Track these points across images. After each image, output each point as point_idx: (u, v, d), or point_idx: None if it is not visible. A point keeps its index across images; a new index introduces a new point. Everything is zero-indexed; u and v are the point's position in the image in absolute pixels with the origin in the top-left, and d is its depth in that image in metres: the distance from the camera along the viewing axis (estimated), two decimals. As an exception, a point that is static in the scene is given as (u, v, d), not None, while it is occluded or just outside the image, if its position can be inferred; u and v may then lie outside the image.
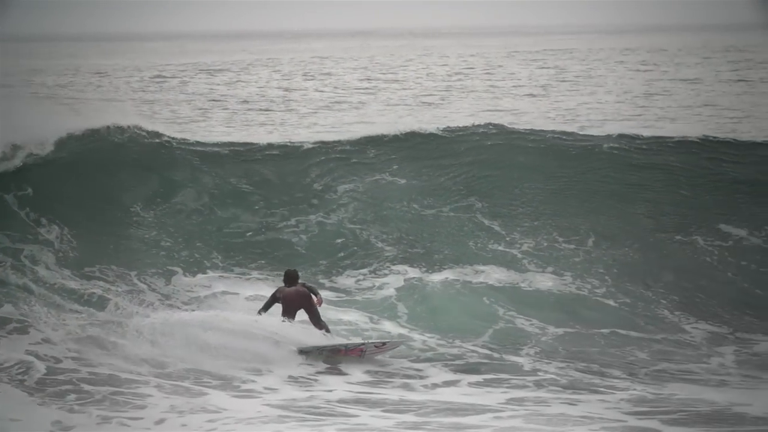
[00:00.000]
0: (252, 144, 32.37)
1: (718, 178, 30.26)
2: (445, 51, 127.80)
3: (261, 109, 54.74)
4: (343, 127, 45.83)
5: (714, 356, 21.82)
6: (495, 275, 25.61)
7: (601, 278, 25.74)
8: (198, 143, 31.81)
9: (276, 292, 21.74)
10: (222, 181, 29.61)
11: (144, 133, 30.98)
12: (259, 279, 25.64)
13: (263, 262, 26.50)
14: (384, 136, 31.98)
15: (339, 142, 31.85)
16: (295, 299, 21.52)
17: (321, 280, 25.66)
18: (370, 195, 29.29)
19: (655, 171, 30.33)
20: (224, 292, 24.78)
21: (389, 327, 23.12)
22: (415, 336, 22.58)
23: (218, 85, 71.70)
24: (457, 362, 21.02)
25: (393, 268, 26.08)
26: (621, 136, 32.46)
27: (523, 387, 19.46)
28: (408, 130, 32.37)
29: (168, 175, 29.53)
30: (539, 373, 20.33)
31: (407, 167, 30.60)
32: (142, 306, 22.07)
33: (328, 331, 21.46)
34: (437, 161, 30.85)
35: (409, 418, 17.41)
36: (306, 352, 20.96)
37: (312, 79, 75.28)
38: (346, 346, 21.07)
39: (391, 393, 19.07)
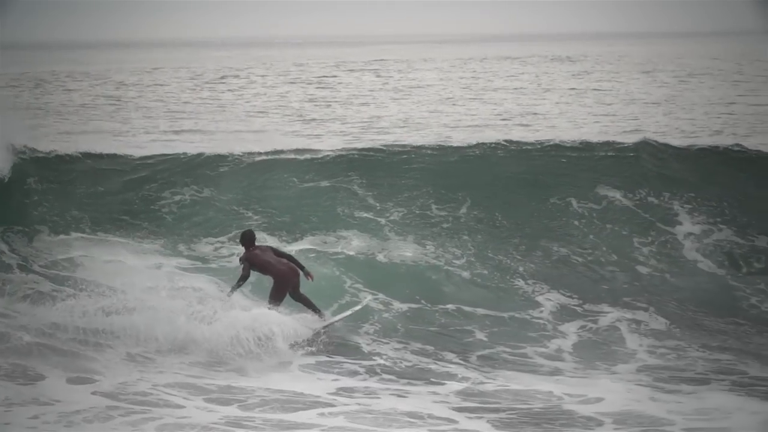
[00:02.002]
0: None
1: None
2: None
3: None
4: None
5: (555, 338, 19.97)
6: (355, 242, 23.44)
7: (464, 247, 23.64)
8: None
9: (247, 259, 18.74)
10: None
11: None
12: (120, 242, 23.31)
13: (129, 228, 24.01)
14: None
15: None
16: (290, 277, 18.69)
17: (180, 248, 23.35)
18: (250, 171, 26.62)
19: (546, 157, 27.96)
20: (82, 256, 22.51)
21: (235, 297, 20.84)
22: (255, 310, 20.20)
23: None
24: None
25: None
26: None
27: (355, 374, 17.33)
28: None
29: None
30: (374, 357, 18.21)
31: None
32: None
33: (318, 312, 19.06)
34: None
35: (233, 411, 15.32)
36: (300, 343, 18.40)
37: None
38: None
39: (221, 378, 16.87)
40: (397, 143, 29.20)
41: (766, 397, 16.20)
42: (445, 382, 17.05)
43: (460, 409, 15.47)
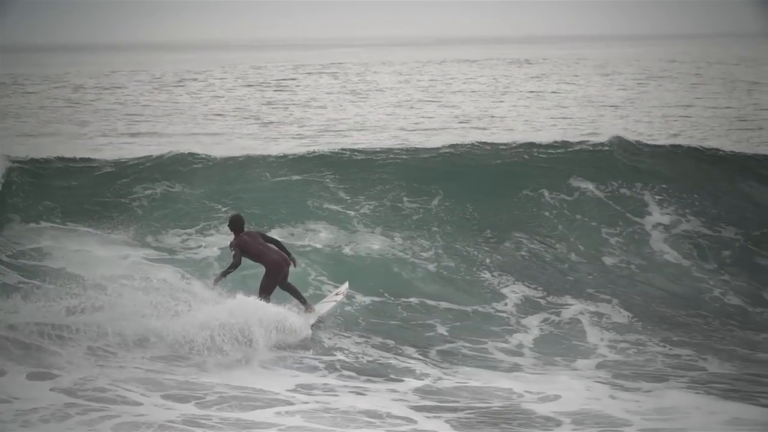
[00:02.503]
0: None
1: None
2: None
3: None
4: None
5: (517, 332, 19.58)
6: (323, 235, 22.92)
7: (433, 239, 23.23)
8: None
9: (239, 245, 17.91)
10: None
11: None
12: (89, 233, 22.79)
13: (99, 220, 23.35)
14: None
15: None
16: (283, 266, 17.97)
17: (148, 239, 22.82)
18: (223, 168, 26.08)
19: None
20: (51, 246, 22.02)
21: (198, 288, 20.36)
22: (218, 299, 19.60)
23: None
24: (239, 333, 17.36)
25: (221, 228, 23.16)
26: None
27: (315, 370, 16.83)
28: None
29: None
30: (334, 352, 17.73)
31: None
32: None
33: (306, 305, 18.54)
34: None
35: (190, 409, 14.90)
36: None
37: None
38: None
39: (181, 374, 16.37)
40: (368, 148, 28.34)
41: (723, 395, 15.86)
42: (405, 378, 16.62)
43: (418, 408, 15.05)
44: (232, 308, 17.56)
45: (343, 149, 27.25)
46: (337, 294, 19.30)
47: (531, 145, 27.57)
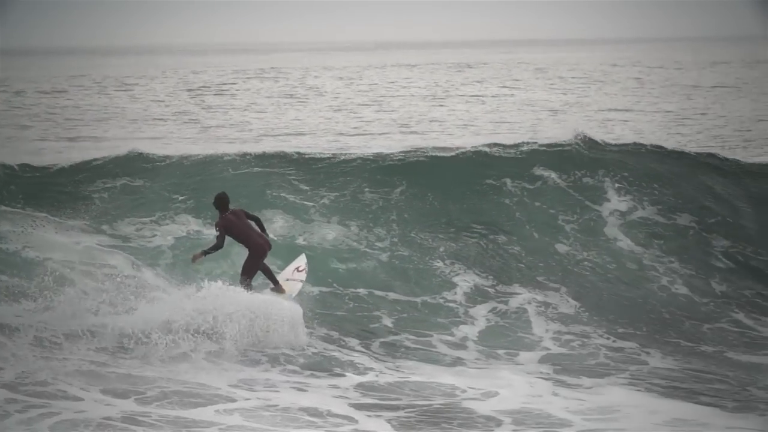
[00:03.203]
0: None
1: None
2: None
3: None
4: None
5: (464, 323, 19.10)
6: (278, 224, 22.09)
7: (389, 228, 22.64)
8: None
9: (224, 226, 17.12)
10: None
11: None
12: (47, 218, 21.81)
13: (57, 206, 22.63)
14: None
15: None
16: (266, 250, 17.33)
17: (103, 227, 22.08)
18: (188, 164, 25.22)
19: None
20: (8, 231, 21.26)
21: (148, 275, 19.73)
22: (168, 288, 18.77)
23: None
24: (204, 326, 16.74)
25: (176, 218, 22.55)
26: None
27: (257, 364, 16.18)
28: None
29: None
30: (278, 345, 16.90)
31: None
32: None
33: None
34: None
35: (130, 405, 14.32)
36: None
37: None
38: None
39: (125, 367, 15.76)
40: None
41: (664, 393, 15.46)
42: (347, 373, 16.08)
43: (359, 406, 14.50)
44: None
45: (300, 151, 26.60)
46: (298, 269, 18.68)
47: (497, 144, 26.90)
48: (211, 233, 19.93)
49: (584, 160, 25.70)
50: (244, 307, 16.79)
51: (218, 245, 17.33)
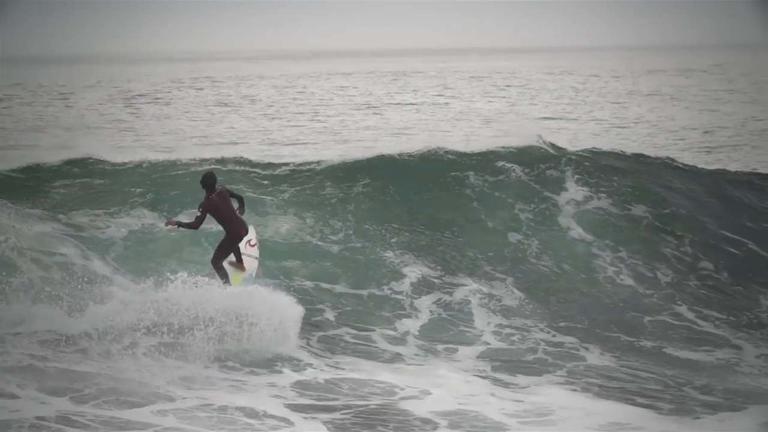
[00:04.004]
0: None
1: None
2: None
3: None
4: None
5: (406, 317, 18.47)
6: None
7: (345, 219, 22.05)
8: None
9: (207, 208, 16.63)
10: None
11: None
12: (5, 204, 21.07)
13: (16, 194, 22.37)
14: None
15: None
16: (243, 235, 16.94)
17: (59, 216, 21.44)
18: (153, 167, 24.60)
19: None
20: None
21: (97, 265, 19.11)
22: (118, 278, 18.39)
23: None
24: (144, 321, 16.02)
25: (132, 212, 21.90)
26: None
27: (197, 360, 15.58)
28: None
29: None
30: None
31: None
32: None
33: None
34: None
35: (65, 405, 13.75)
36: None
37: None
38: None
39: (65, 361, 15.14)
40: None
41: (600, 393, 15.05)
42: (284, 370, 15.52)
43: (295, 407, 13.99)
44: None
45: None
46: (250, 243, 18.02)
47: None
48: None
49: (547, 156, 25.16)
50: (214, 309, 16.09)
51: (194, 226, 16.81)
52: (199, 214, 16.71)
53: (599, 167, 24.93)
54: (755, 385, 15.89)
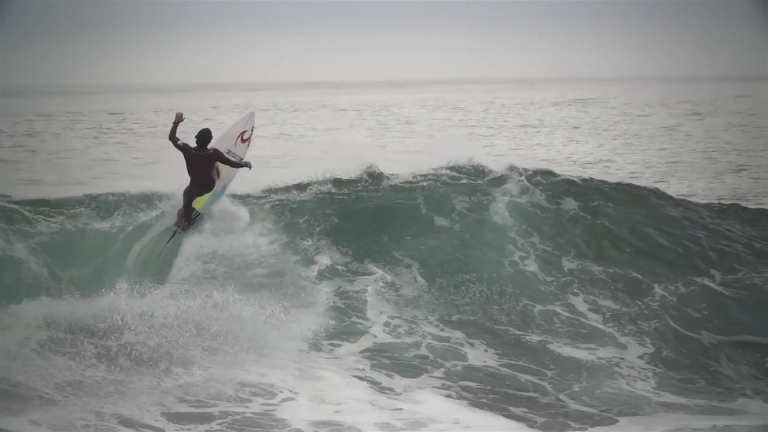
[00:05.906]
0: None
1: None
2: None
3: None
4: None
5: (304, 307, 17.80)
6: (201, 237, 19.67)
7: (327, 230, 20.79)
8: None
9: (182, 149, 18.20)
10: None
11: None
12: None
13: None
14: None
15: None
16: (194, 195, 18.23)
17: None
18: None
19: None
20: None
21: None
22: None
23: None
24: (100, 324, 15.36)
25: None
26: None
27: (89, 357, 14.66)
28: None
29: None
30: (124, 331, 15.35)
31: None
32: None
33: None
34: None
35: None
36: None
37: None
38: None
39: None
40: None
41: (473, 402, 14.68)
42: (174, 368, 14.77)
43: (172, 417, 13.43)
44: None
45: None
46: (243, 138, 19.52)
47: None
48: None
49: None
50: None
51: (170, 135, 18.14)
52: (180, 144, 18.14)
53: (545, 173, 23.79)
54: (630, 391, 15.64)
